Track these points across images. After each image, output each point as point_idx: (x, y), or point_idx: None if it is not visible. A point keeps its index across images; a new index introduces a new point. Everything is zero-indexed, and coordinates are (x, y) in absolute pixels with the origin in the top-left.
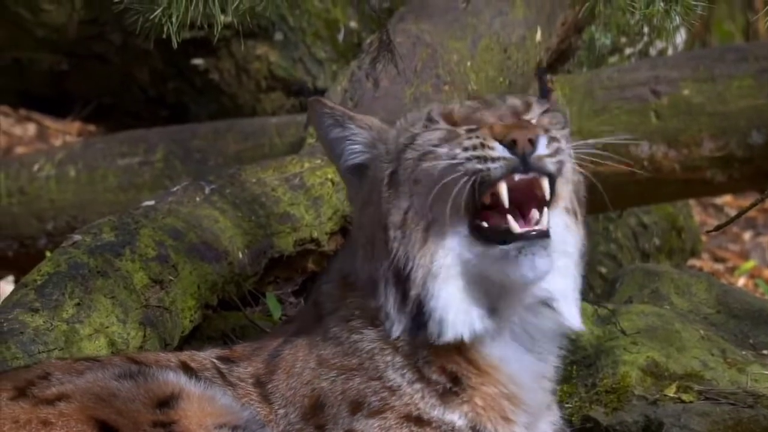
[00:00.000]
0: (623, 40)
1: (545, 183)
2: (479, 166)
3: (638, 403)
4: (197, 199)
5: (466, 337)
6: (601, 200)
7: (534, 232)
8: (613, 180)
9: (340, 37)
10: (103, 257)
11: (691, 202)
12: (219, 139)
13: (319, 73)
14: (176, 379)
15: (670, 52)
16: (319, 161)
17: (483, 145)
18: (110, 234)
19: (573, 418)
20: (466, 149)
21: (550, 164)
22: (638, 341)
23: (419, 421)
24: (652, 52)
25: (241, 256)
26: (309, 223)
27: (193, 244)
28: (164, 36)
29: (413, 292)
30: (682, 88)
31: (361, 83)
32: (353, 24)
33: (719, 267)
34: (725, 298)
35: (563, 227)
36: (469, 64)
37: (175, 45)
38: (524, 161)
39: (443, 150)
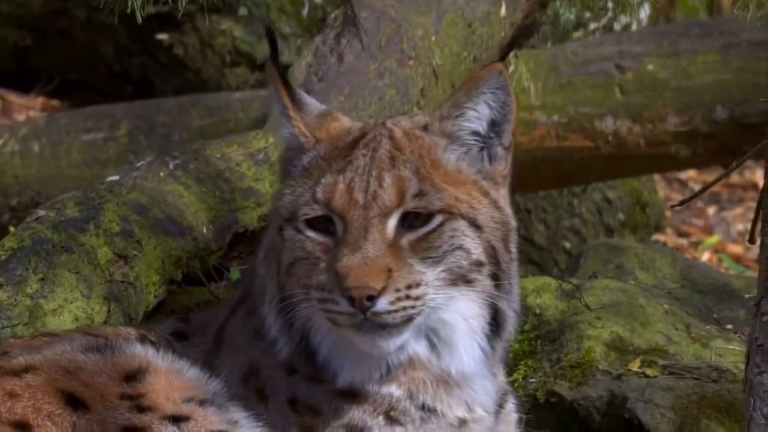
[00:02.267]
0: (587, 15)
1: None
2: (328, 315)
3: (602, 377)
4: (162, 174)
5: (358, 384)
6: (565, 175)
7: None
8: (577, 155)
9: (305, 12)
10: (67, 232)
11: (656, 177)
12: (183, 115)
13: (283, 48)
14: (144, 353)
15: (634, 27)
16: None
17: (331, 300)
18: (74, 209)
19: (538, 393)
20: (320, 300)
21: (392, 318)
22: (602, 316)
23: (354, 395)
24: (617, 27)
25: (205, 231)
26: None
27: (158, 219)
28: (128, 11)
29: (298, 324)
30: (647, 63)
31: (326, 58)
32: None
33: (683, 242)
34: (689, 273)
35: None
36: (433, 39)
37: (139, 20)
38: (363, 314)
39: (309, 273)
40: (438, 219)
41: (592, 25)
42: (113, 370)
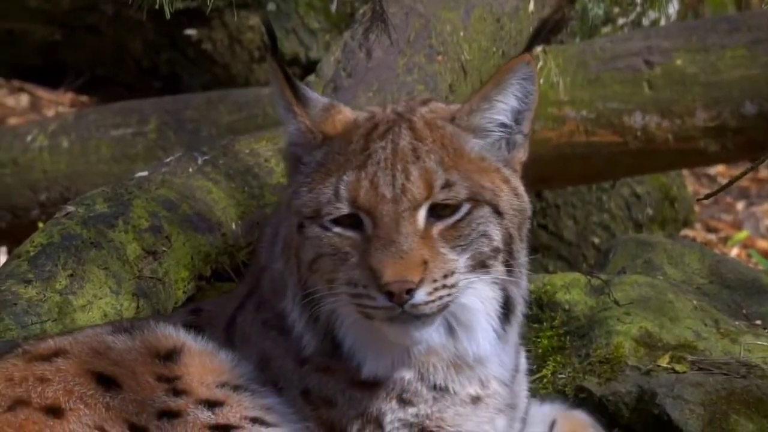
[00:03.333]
0: (616, 10)
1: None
2: (362, 310)
3: (631, 373)
4: (190, 169)
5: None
6: (594, 170)
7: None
8: (606, 150)
9: (333, 7)
10: (96, 228)
11: (684, 172)
12: (212, 110)
13: (311, 43)
14: (176, 333)
15: (662, 22)
16: None
17: (366, 296)
18: (103, 205)
19: (566, 389)
20: (353, 296)
21: (429, 308)
22: (631, 312)
23: (366, 384)
24: (645, 22)
25: (234, 227)
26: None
27: (187, 215)
28: (157, 6)
29: (323, 318)
30: (675, 59)
31: (354, 54)
32: None
33: (712, 237)
34: (718, 268)
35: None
36: (462, 34)
37: (167, 15)
38: (401, 307)
39: (337, 268)
40: (466, 207)
41: (621, 21)
42: (144, 348)
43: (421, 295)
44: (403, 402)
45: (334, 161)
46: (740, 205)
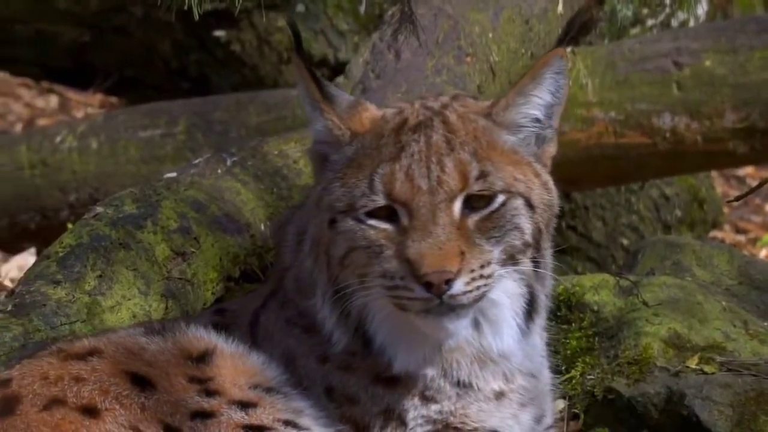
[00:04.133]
0: (645, 11)
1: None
2: (398, 301)
3: (660, 374)
4: (219, 171)
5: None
6: (623, 172)
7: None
8: (635, 152)
9: (362, 8)
10: (125, 229)
11: (713, 173)
12: (241, 111)
13: (340, 44)
14: (208, 335)
15: (691, 23)
16: None
17: (403, 287)
18: (132, 206)
19: (595, 390)
20: (388, 288)
21: (466, 299)
22: (660, 313)
23: (389, 381)
24: (674, 23)
25: (262, 228)
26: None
27: (215, 216)
28: (186, 8)
29: (354, 313)
30: (704, 60)
31: (383, 55)
32: None
33: (741, 238)
34: (747, 270)
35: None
36: (491, 35)
37: (196, 17)
38: (439, 298)
39: (371, 261)
40: (500, 198)
41: (650, 22)
42: (177, 350)
43: (459, 285)
44: (426, 399)
45: (366, 155)
46: None
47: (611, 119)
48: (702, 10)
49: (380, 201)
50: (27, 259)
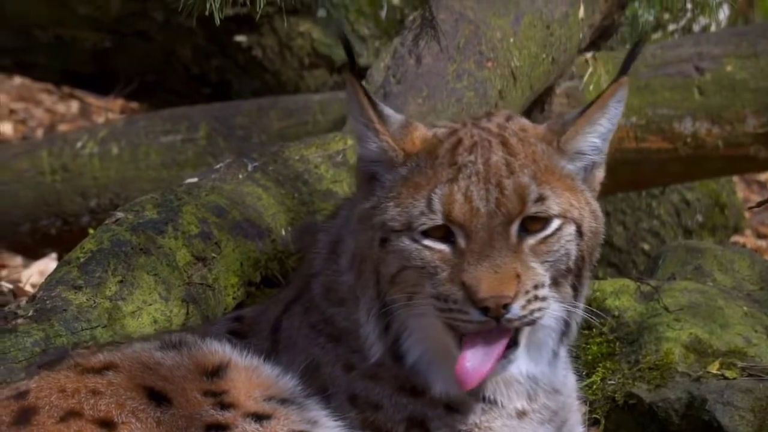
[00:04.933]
0: (666, 16)
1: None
2: (451, 322)
3: (681, 379)
4: (240, 176)
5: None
6: (644, 176)
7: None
8: (656, 156)
9: (383, 13)
10: (146, 234)
11: (735, 178)
12: (262, 116)
13: (362, 50)
14: (222, 349)
15: (713, 28)
16: None
17: (458, 311)
18: (153, 211)
19: (616, 395)
20: (441, 310)
21: (521, 323)
22: (681, 318)
23: (414, 391)
24: (696, 28)
25: (284, 233)
26: (347, 196)
27: (236, 221)
28: (207, 13)
29: (395, 326)
30: (726, 65)
31: (404, 60)
32: (396, 0)
33: (762, 243)
34: None
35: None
36: (512, 40)
37: (217, 22)
38: (497, 320)
39: (423, 281)
40: (556, 223)
41: (671, 27)
42: (193, 365)
43: (516, 309)
44: (451, 410)
45: (421, 175)
46: None
47: (632, 124)
48: (723, 14)
49: (438, 220)
50: (48, 264)
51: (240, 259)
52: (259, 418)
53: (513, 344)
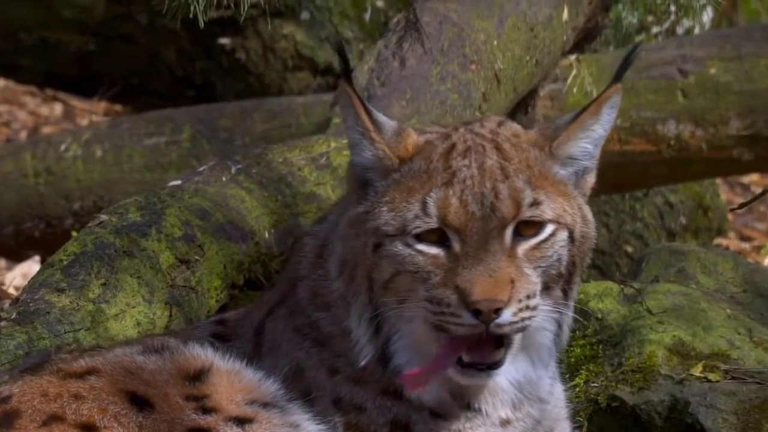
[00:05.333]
0: (650, 18)
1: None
2: (443, 325)
3: (664, 382)
4: (224, 178)
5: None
6: (627, 179)
7: (482, 366)
8: (639, 159)
9: (367, 16)
10: (130, 237)
11: (718, 180)
12: (246, 119)
13: (345, 52)
14: (204, 354)
15: (697, 30)
16: (345, 141)
17: (450, 314)
18: (136, 214)
19: (599, 398)
20: (434, 313)
21: (511, 329)
22: (664, 320)
23: (398, 394)
24: (679, 30)
25: (267, 235)
26: (334, 201)
27: (220, 224)
28: (191, 16)
29: (386, 329)
30: (709, 67)
31: (388, 62)
32: (380, 3)
33: (746, 246)
34: (752, 277)
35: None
36: (495, 43)
37: (201, 25)
38: (486, 326)
39: (416, 286)
40: (550, 228)
41: (655, 29)
42: (175, 369)
43: (507, 315)
44: (435, 415)
45: (415, 179)
46: None
47: (616, 126)
48: (707, 17)
49: (433, 224)
50: (31, 266)
51: (223, 262)
52: (241, 422)
53: (505, 345)
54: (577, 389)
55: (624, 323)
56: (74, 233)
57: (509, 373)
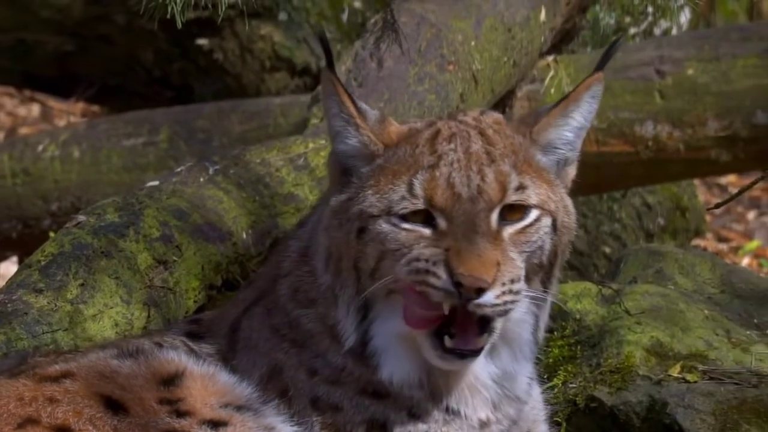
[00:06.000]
0: (628, 19)
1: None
2: (421, 287)
3: (642, 383)
4: (201, 179)
5: (396, 384)
6: (605, 180)
7: (465, 352)
8: (617, 160)
9: (344, 17)
10: (107, 238)
11: (696, 181)
12: (223, 120)
13: (322, 53)
14: (178, 357)
15: (674, 31)
16: (323, 141)
17: (432, 273)
18: (114, 215)
19: (577, 398)
20: (417, 271)
21: (492, 311)
22: (642, 321)
23: (377, 394)
24: (657, 31)
25: (245, 236)
26: (313, 204)
27: (198, 225)
28: (168, 16)
29: (370, 315)
30: (687, 68)
31: (365, 63)
32: (357, 4)
33: (723, 247)
34: (729, 278)
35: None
36: (473, 43)
37: (179, 25)
38: (464, 302)
39: (404, 256)
40: (534, 213)
41: (632, 30)
42: (149, 374)
43: (490, 297)
44: (414, 416)
45: (401, 163)
46: (751, 215)
47: (593, 127)
48: (685, 18)
49: (420, 205)
50: (9, 267)
51: (201, 263)
52: (215, 425)
53: (488, 332)
54: (556, 390)
55: (602, 324)
56: (52, 234)
57: (490, 367)
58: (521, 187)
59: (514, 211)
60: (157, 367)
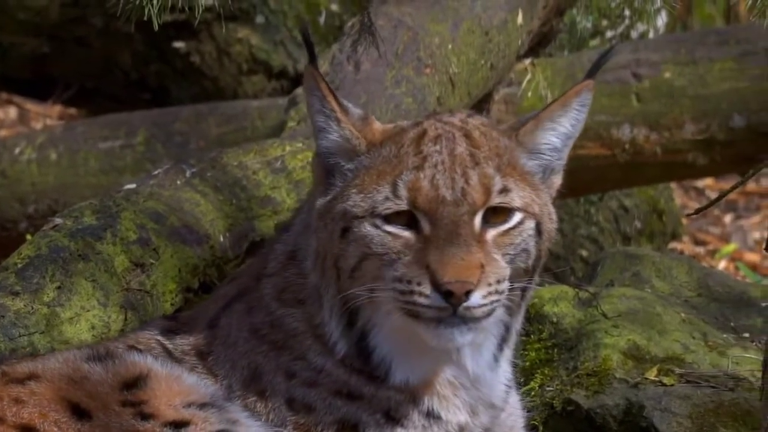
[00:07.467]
0: (604, 22)
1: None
2: (410, 308)
3: (619, 386)
4: (178, 182)
5: (411, 382)
6: (582, 183)
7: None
8: (594, 163)
9: (322, 20)
10: (84, 240)
11: (673, 185)
12: (200, 122)
13: (300, 56)
14: (143, 360)
15: (651, 35)
16: (300, 145)
17: (418, 293)
18: (91, 217)
19: (554, 401)
20: (402, 293)
21: (480, 312)
22: (619, 324)
23: (351, 396)
24: (634, 35)
25: (222, 239)
26: (290, 207)
27: (175, 228)
28: (145, 19)
29: (359, 324)
30: (664, 71)
31: (342, 66)
32: (334, 7)
33: (700, 250)
34: (706, 281)
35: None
36: (450, 46)
37: (156, 28)
38: (454, 309)
39: (384, 269)
40: (518, 216)
41: (609, 33)
42: (114, 379)
43: (477, 298)
44: (391, 419)
45: (385, 163)
46: (728, 218)
47: None
48: (662, 21)
49: (404, 206)
50: None
51: (178, 265)
52: (178, 425)
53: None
54: (533, 393)
55: (579, 327)
56: (29, 237)
57: (472, 365)
58: (505, 190)
59: (497, 214)
60: (123, 372)
